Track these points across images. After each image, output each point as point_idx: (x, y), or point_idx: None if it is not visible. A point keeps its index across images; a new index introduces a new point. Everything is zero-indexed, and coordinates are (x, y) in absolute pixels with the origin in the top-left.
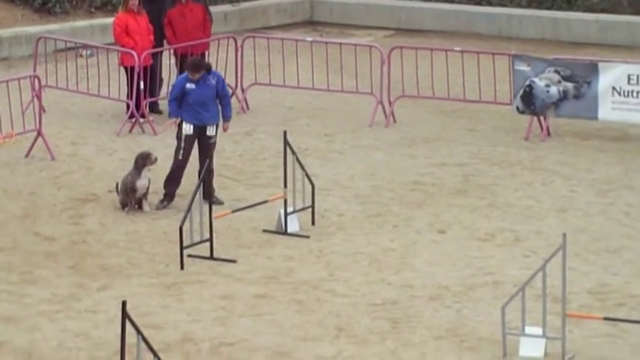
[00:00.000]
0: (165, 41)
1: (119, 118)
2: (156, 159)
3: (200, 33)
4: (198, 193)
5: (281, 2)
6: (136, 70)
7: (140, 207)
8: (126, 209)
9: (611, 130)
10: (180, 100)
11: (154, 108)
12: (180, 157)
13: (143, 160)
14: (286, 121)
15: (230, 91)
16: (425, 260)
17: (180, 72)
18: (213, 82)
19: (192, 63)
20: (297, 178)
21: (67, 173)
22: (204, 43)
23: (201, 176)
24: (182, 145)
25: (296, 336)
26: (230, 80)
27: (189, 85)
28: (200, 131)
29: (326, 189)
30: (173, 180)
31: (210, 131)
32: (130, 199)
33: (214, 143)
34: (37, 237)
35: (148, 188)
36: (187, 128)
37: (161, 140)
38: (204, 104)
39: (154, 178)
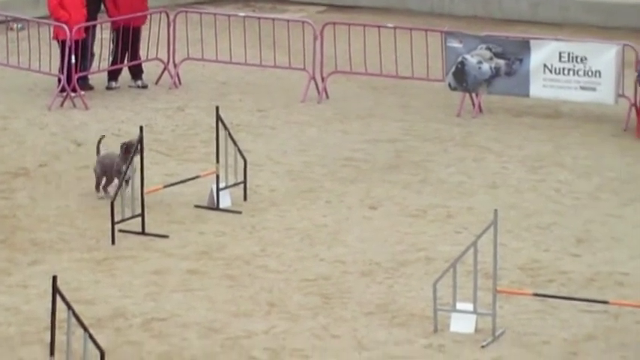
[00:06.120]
0: (99, 15)
1: (50, 92)
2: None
3: (141, 5)
4: (130, 168)
5: None
6: (68, 43)
7: (105, 190)
8: (100, 193)
9: (543, 107)
10: None
11: (84, 83)
12: None
13: (128, 150)
14: (219, 97)
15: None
16: (357, 236)
17: (116, 46)
18: None
19: None
20: (230, 154)
21: None
22: (143, 15)
23: None
24: None
25: (228, 311)
26: (162, 55)
27: None
28: None
29: (258, 164)
30: None
31: None
32: (107, 181)
33: None
34: None
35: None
36: None
37: (93, 115)
38: None
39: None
